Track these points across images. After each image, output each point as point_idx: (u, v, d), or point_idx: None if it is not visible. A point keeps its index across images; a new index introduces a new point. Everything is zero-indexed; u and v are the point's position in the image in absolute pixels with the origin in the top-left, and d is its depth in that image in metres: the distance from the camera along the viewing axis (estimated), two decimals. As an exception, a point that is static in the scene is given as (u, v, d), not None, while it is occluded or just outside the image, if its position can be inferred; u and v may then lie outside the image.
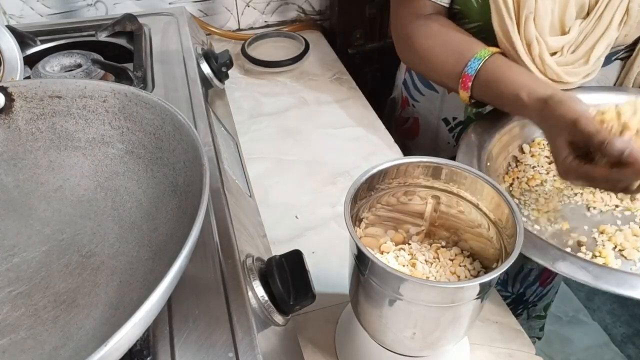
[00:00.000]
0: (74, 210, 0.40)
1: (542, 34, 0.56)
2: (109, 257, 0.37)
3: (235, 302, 0.34)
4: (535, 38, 0.56)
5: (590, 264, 0.42)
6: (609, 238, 0.51)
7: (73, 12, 0.91)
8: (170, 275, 0.25)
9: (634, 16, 0.56)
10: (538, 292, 0.83)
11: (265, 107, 0.83)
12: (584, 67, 0.59)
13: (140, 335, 0.26)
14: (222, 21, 1.01)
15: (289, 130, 0.77)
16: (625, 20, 0.57)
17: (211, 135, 0.51)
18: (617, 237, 0.50)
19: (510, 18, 0.55)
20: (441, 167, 0.41)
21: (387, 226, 0.46)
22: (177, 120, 0.36)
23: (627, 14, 0.56)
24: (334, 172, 0.69)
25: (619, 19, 0.56)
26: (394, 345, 0.41)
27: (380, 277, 0.35)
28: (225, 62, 0.67)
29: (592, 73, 0.60)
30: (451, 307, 0.35)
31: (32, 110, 0.40)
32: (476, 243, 0.43)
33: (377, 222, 0.45)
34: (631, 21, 0.57)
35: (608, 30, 0.57)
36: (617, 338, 1.37)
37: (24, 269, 0.37)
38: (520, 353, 0.48)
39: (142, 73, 0.58)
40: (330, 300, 0.52)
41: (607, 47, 0.58)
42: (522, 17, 0.55)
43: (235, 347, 0.31)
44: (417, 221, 0.46)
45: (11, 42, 0.56)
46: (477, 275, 0.42)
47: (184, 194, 0.35)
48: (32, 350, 0.31)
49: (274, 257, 0.39)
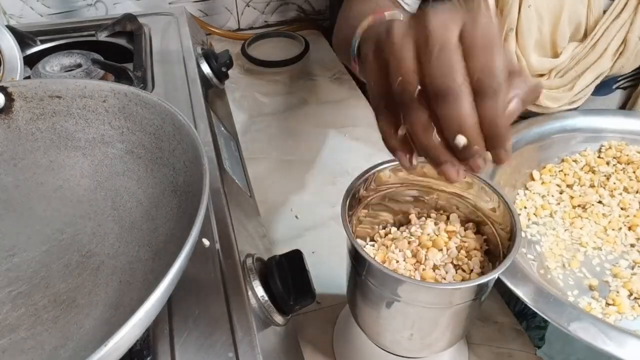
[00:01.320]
0: (74, 210, 0.40)
1: (524, 52, 0.53)
2: (109, 257, 0.37)
3: (235, 302, 0.34)
4: (516, 55, 0.52)
5: (611, 329, 0.38)
6: (624, 284, 0.46)
7: (73, 12, 0.91)
8: (170, 275, 0.25)
9: (631, 48, 0.53)
10: None
11: (265, 107, 0.83)
12: (567, 93, 0.55)
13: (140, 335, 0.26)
14: (222, 21, 1.01)
15: (289, 130, 0.77)
16: (622, 51, 0.53)
17: (211, 135, 0.51)
18: (633, 283, 0.46)
19: None
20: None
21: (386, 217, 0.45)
22: (177, 120, 0.36)
23: (625, 44, 0.53)
24: (334, 172, 0.69)
25: (615, 48, 0.53)
26: (391, 346, 0.41)
27: (378, 279, 0.35)
28: (225, 62, 0.67)
29: (578, 100, 0.57)
30: (449, 308, 0.35)
31: (32, 110, 0.40)
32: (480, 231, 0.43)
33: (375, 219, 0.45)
34: (628, 53, 0.53)
35: (601, 58, 0.53)
36: (616, 338, 1.36)
37: (23, 268, 0.37)
38: (520, 353, 0.48)
39: (142, 73, 0.58)
40: (330, 300, 0.52)
41: (597, 76, 0.55)
42: (503, 32, 0.52)
43: (235, 347, 0.31)
44: (418, 206, 0.45)
45: (11, 42, 0.56)
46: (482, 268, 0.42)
47: (184, 194, 0.35)
48: (32, 350, 0.31)
49: (274, 257, 0.39)
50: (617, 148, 0.58)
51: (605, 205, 0.53)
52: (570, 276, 0.48)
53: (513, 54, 0.52)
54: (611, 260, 0.49)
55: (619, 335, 0.38)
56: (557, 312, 0.40)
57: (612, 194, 0.54)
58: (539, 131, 0.58)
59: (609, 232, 0.51)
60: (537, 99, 0.31)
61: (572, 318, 0.39)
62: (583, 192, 0.55)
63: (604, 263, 0.49)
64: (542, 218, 0.53)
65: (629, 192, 0.54)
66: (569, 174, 0.56)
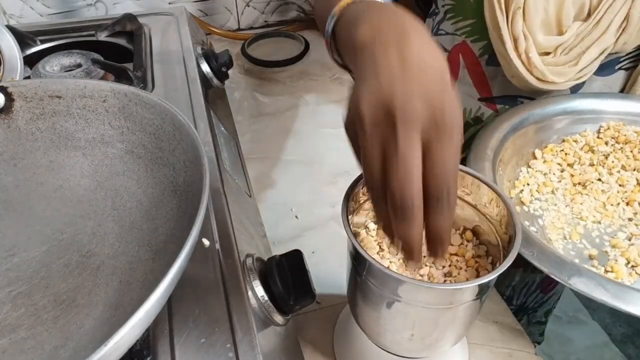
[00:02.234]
0: (74, 210, 0.40)
1: (531, 30, 0.55)
2: (109, 257, 0.37)
3: (235, 302, 0.34)
4: (523, 34, 0.54)
5: (608, 282, 0.40)
6: (622, 253, 0.48)
7: (73, 12, 0.91)
8: (170, 275, 0.25)
9: (633, 23, 0.55)
10: (539, 298, 0.83)
11: (265, 107, 0.83)
12: (572, 68, 0.57)
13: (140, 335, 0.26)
14: (222, 21, 1.01)
15: (289, 130, 0.77)
16: (624, 27, 0.55)
17: (211, 135, 0.51)
18: (631, 252, 0.47)
19: (501, 11, 0.54)
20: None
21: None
22: (177, 120, 0.36)
23: (627, 20, 0.55)
24: (334, 172, 0.69)
25: (618, 24, 0.55)
26: (392, 346, 0.41)
27: (378, 279, 0.35)
28: (225, 62, 0.67)
29: (584, 76, 0.58)
30: (450, 309, 0.35)
31: (32, 110, 0.40)
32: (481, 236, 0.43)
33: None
34: (630, 28, 0.55)
35: (605, 34, 0.55)
36: (617, 338, 1.37)
37: (23, 268, 0.37)
38: (520, 353, 0.48)
39: (142, 73, 0.58)
40: (330, 300, 0.52)
41: (601, 51, 0.57)
42: (511, 11, 0.54)
43: (235, 347, 0.31)
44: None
45: (11, 41, 0.56)
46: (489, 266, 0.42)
47: (184, 194, 0.35)
48: (32, 350, 0.31)
49: (274, 257, 0.39)
50: (615, 128, 0.60)
51: (604, 183, 0.55)
52: (571, 247, 0.50)
53: (520, 32, 0.54)
54: (610, 232, 0.51)
55: (617, 288, 0.40)
56: (558, 269, 0.42)
57: (610, 172, 0.56)
58: (541, 113, 0.60)
59: (608, 207, 0.53)
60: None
61: (572, 273, 0.41)
62: (583, 170, 0.57)
63: (603, 235, 0.51)
64: (544, 195, 0.55)
65: (627, 170, 0.56)
66: (569, 153, 0.59)
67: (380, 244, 0.43)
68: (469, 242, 0.43)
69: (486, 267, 0.41)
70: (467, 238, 0.43)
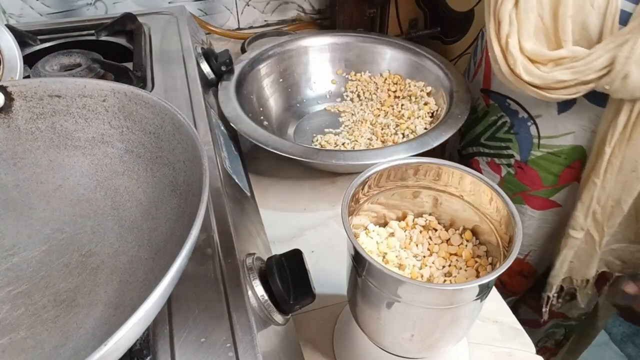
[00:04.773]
0: (74, 209, 0.40)
1: (521, 33, 0.50)
2: (109, 257, 0.37)
3: (235, 302, 0.34)
4: (509, 18, 0.50)
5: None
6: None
7: (73, 11, 0.91)
8: (170, 274, 0.25)
9: (617, 68, 0.47)
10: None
11: (265, 106, 0.83)
12: (543, 74, 0.50)
13: (140, 334, 0.26)
14: (221, 20, 1.01)
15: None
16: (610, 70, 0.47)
17: (211, 134, 0.51)
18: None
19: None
20: (440, 167, 0.41)
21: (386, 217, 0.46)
22: (177, 120, 0.36)
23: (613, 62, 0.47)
24: (334, 172, 0.69)
25: (603, 64, 0.48)
26: (392, 347, 0.41)
27: (378, 279, 0.35)
28: (225, 62, 0.67)
29: (553, 98, 0.52)
30: (450, 309, 0.35)
31: (32, 109, 0.40)
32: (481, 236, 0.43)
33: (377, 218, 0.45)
34: (613, 73, 0.48)
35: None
36: (617, 337, 1.37)
37: (23, 268, 0.37)
38: (520, 352, 0.48)
39: (141, 72, 0.58)
40: (330, 300, 0.52)
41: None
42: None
43: (235, 347, 0.31)
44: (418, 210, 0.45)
45: (11, 41, 0.56)
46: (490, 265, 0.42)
47: (184, 194, 0.35)
48: (32, 350, 0.31)
49: (274, 256, 0.39)
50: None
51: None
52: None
53: (506, 15, 0.50)
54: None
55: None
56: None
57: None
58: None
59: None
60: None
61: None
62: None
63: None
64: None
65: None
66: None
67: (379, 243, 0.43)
68: (469, 242, 0.43)
69: (486, 267, 0.41)
70: (467, 238, 0.43)
